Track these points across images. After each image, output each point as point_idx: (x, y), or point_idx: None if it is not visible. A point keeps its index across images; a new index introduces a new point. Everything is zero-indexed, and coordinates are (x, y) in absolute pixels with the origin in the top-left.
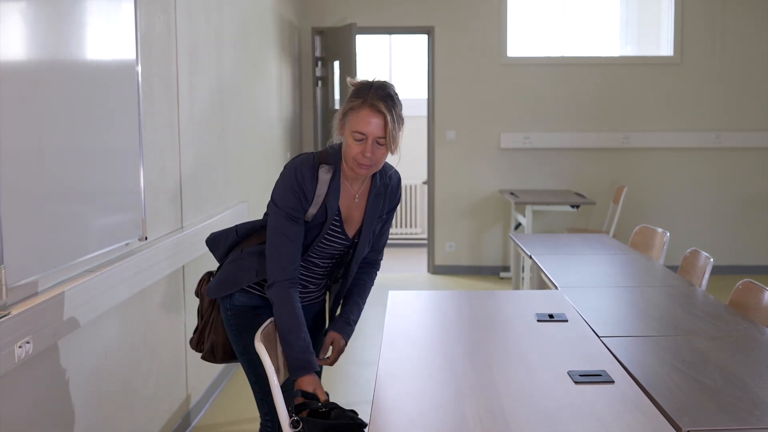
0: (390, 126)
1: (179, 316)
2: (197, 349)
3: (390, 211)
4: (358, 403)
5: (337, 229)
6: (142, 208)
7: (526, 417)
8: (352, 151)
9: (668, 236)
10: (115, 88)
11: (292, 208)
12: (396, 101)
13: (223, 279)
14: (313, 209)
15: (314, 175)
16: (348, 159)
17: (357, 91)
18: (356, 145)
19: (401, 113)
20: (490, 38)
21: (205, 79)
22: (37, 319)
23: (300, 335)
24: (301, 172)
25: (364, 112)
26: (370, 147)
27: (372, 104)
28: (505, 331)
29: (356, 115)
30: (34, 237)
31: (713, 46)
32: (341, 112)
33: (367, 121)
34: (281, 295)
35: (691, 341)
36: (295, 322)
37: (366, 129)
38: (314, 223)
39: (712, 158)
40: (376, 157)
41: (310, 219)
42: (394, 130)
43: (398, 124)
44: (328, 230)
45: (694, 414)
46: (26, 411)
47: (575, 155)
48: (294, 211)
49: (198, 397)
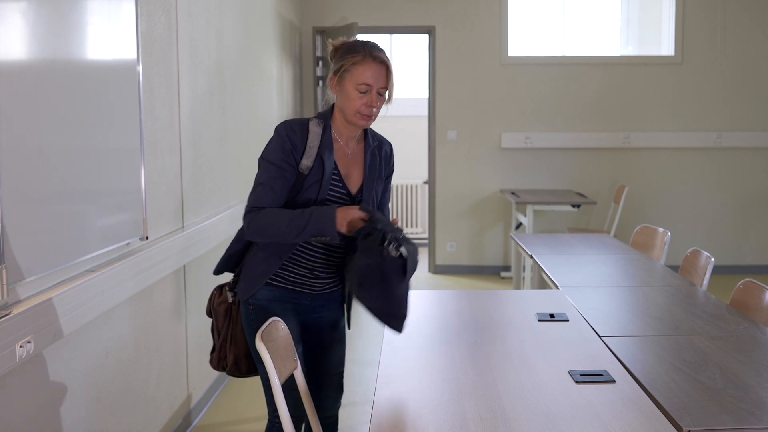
0: (391, 74)
1: (180, 315)
2: (219, 367)
3: (387, 177)
4: (358, 403)
5: (337, 184)
6: (143, 207)
7: (527, 417)
8: (355, 104)
9: (669, 236)
10: (116, 88)
11: (280, 159)
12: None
13: (250, 275)
14: (307, 161)
15: (304, 128)
16: (349, 113)
17: (351, 48)
18: (360, 97)
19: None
20: (491, 38)
21: (205, 78)
22: (38, 318)
23: (297, 211)
24: (290, 126)
25: (368, 63)
26: (375, 97)
27: (375, 56)
28: (506, 331)
29: (360, 68)
30: (35, 237)
31: (714, 45)
32: (338, 69)
33: (372, 72)
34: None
35: (692, 341)
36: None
37: (371, 80)
38: (313, 178)
39: (714, 158)
40: (377, 109)
41: (306, 171)
42: (391, 78)
43: (392, 75)
44: (330, 186)
45: (695, 414)
46: (27, 410)
47: (576, 155)
48: (281, 162)
49: (199, 397)
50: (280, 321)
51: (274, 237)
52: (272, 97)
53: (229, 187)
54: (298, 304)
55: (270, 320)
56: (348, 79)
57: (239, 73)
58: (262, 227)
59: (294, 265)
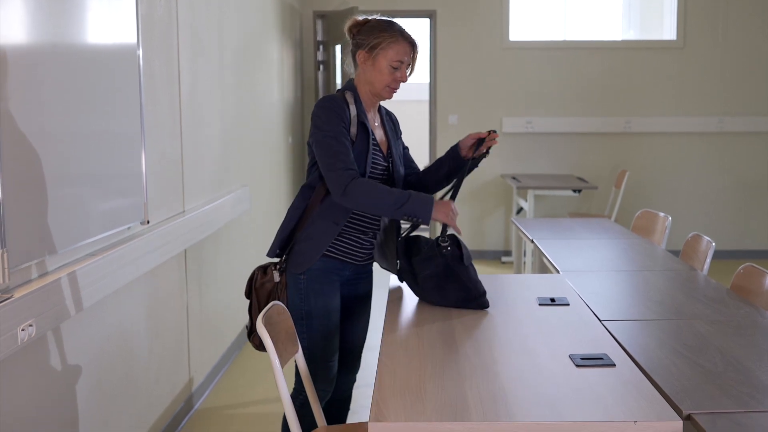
0: (413, 52)
1: (181, 299)
2: (261, 346)
3: (400, 137)
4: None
5: (376, 148)
6: (143, 192)
7: (528, 400)
8: (386, 78)
9: (670, 221)
10: (116, 72)
11: (340, 126)
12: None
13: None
14: (353, 128)
15: (344, 101)
16: (379, 86)
17: (385, 27)
18: (392, 72)
19: None
20: (492, 22)
21: (206, 62)
22: (39, 302)
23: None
24: (334, 99)
25: (402, 43)
26: (405, 72)
27: (406, 36)
28: (506, 315)
29: (396, 47)
30: (36, 221)
31: (716, 30)
32: (369, 46)
33: (405, 50)
34: (359, 183)
35: (693, 325)
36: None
37: (405, 56)
38: (359, 145)
39: (715, 143)
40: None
41: (354, 138)
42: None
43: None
44: (372, 150)
45: (696, 397)
46: (28, 394)
47: (577, 140)
48: (343, 128)
49: (200, 381)
50: (280, 304)
51: (371, 206)
52: (273, 81)
53: (230, 171)
54: (342, 276)
55: (271, 304)
56: (382, 55)
57: (240, 57)
58: (364, 193)
59: (354, 232)
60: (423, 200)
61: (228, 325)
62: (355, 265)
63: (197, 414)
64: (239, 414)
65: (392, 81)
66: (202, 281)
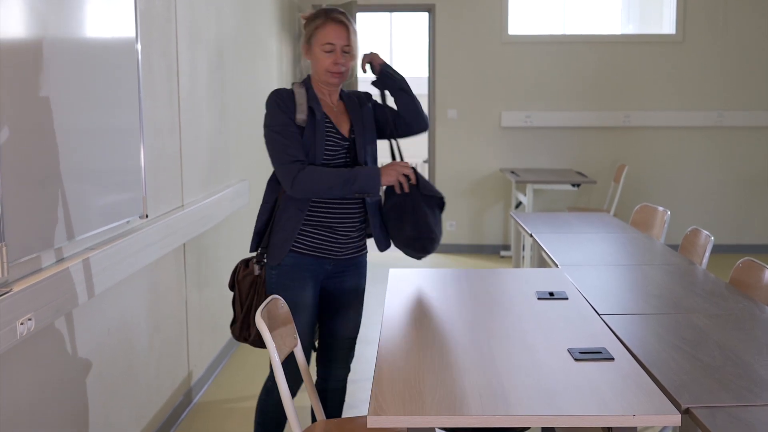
0: (352, 33)
1: (180, 293)
2: (240, 337)
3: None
4: (359, 380)
5: (331, 129)
6: (142, 186)
7: (527, 394)
8: (323, 63)
9: (669, 215)
10: (115, 67)
11: (284, 118)
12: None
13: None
14: (301, 115)
15: (289, 92)
16: (321, 73)
17: (315, 15)
18: (327, 57)
19: (356, 28)
20: (491, 16)
21: (205, 56)
22: (38, 296)
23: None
24: (278, 92)
25: (329, 25)
26: (340, 54)
27: (333, 18)
28: (505, 309)
29: (323, 31)
30: (35, 215)
31: (716, 24)
32: (306, 37)
33: (333, 32)
34: (306, 173)
35: (691, 319)
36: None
37: (334, 39)
38: (309, 128)
39: (714, 137)
40: (346, 65)
41: (303, 124)
42: (353, 36)
43: (354, 34)
44: (326, 132)
45: (694, 391)
46: (28, 387)
47: (576, 134)
48: (288, 118)
49: (200, 374)
50: (279, 299)
51: (323, 192)
52: (272, 74)
53: (229, 165)
54: (319, 272)
55: (270, 298)
56: (315, 43)
57: (239, 50)
58: (312, 181)
59: (314, 227)
60: (369, 174)
61: (227, 319)
62: (335, 260)
63: (196, 407)
64: (238, 408)
65: (330, 65)
66: (201, 275)
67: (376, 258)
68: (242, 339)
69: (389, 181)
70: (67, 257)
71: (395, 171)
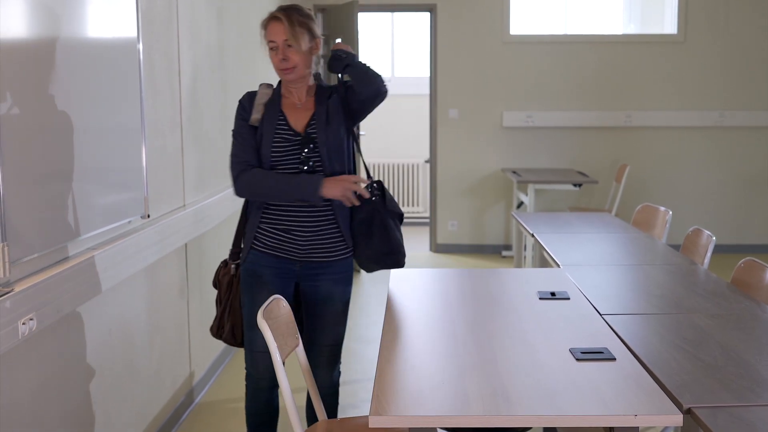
0: (288, 26)
1: (182, 293)
2: (217, 335)
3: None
4: (360, 380)
5: (283, 126)
6: (144, 185)
7: (528, 394)
8: (273, 62)
9: (670, 215)
10: (116, 67)
11: (240, 120)
12: (295, 8)
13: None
14: (256, 114)
15: (253, 92)
16: (277, 73)
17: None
18: (273, 55)
19: (303, 19)
20: (492, 16)
21: (206, 56)
22: (40, 296)
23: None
24: (243, 96)
25: (270, 24)
26: (283, 50)
27: (273, 16)
28: (507, 309)
29: (266, 32)
30: (36, 214)
31: (717, 24)
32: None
33: (273, 29)
34: (247, 175)
35: (693, 319)
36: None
37: (274, 36)
38: (262, 127)
39: (716, 137)
40: (293, 60)
41: (257, 123)
42: (293, 28)
43: (299, 26)
44: (276, 128)
45: (695, 391)
46: (30, 387)
47: (578, 134)
48: (241, 120)
49: (201, 374)
50: (281, 299)
51: (261, 193)
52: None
53: None
54: (286, 272)
55: (272, 298)
56: (264, 45)
57: (240, 50)
58: (252, 183)
59: (271, 227)
60: (309, 184)
61: None
62: (300, 261)
63: (198, 407)
64: (240, 408)
65: (278, 62)
66: (203, 275)
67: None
68: (218, 336)
69: (333, 195)
70: (69, 257)
71: (340, 186)
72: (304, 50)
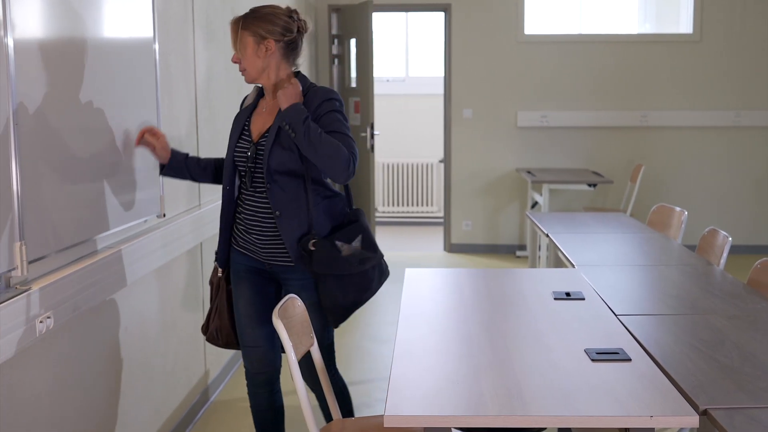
0: (233, 32)
1: (197, 292)
2: (205, 333)
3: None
4: (374, 379)
5: (245, 132)
6: (160, 185)
7: (543, 394)
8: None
9: (686, 215)
10: (133, 66)
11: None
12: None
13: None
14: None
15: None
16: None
17: None
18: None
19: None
20: (507, 15)
21: (221, 55)
22: (57, 294)
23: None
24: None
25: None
26: (236, 55)
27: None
28: (521, 309)
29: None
30: (53, 213)
31: (733, 23)
32: None
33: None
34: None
35: (709, 320)
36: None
37: (232, 43)
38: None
39: (732, 137)
40: (242, 64)
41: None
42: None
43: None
44: (241, 132)
45: (712, 392)
46: (46, 385)
47: (593, 134)
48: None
49: (216, 373)
50: (296, 298)
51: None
52: None
53: None
54: (259, 271)
55: (287, 297)
56: None
57: None
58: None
59: (240, 227)
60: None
61: None
62: (267, 263)
63: (213, 406)
64: None
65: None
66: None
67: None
68: (204, 334)
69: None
70: (85, 256)
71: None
72: (249, 54)
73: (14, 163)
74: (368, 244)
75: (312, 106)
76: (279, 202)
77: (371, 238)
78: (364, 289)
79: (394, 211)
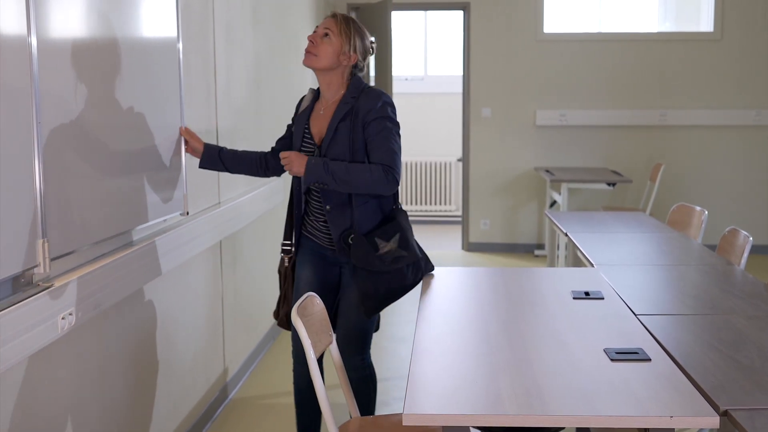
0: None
1: (217, 289)
2: (276, 318)
3: (371, 123)
4: (393, 378)
5: (307, 136)
6: (183, 183)
7: (562, 394)
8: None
9: (706, 215)
10: (157, 65)
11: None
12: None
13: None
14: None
15: (301, 99)
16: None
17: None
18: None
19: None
20: (526, 14)
21: (241, 55)
22: (79, 291)
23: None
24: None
25: (325, 18)
26: (317, 37)
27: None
28: (540, 308)
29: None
30: (76, 211)
31: (754, 21)
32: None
33: (323, 22)
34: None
35: (729, 320)
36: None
37: (320, 26)
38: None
39: (752, 136)
40: (320, 48)
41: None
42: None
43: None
44: (303, 136)
45: (732, 393)
46: (68, 382)
47: (612, 132)
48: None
49: (235, 370)
50: (315, 296)
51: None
52: (307, 72)
53: None
54: (322, 255)
55: (306, 295)
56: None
57: (274, 49)
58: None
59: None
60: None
61: (262, 315)
62: (328, 249)
63: (232, 403)
64: (274, 404)
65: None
66: (237, 272)
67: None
68: (276, 319)
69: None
70: (108, 253)
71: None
72: (332, 51)
73: (37, 161)
74: (404, 243)
75: (362, 111)
76: (329, 198)
77: (407, 237)
78: (397, 286)
79: (412, 209)
